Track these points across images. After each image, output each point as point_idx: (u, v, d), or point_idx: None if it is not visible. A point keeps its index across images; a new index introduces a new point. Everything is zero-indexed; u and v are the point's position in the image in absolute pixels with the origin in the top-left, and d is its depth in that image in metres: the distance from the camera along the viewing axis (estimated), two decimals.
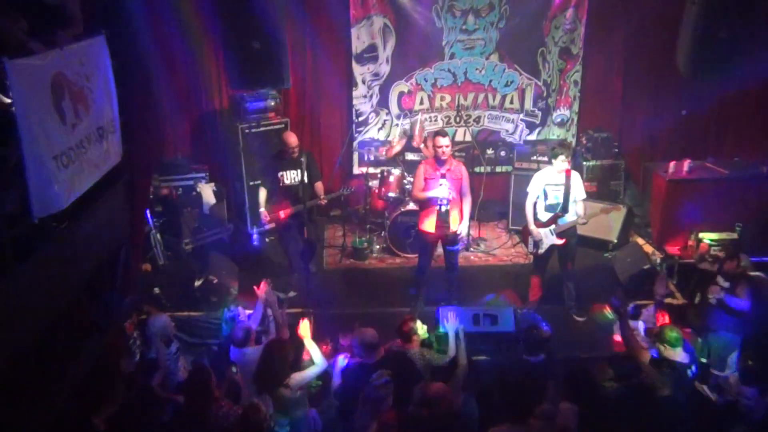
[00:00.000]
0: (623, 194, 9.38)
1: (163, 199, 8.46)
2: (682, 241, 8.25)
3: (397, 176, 8.54)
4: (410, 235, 8.35)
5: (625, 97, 9.62)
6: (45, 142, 4.51)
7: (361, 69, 9.34)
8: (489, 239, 9.13)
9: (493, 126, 9.74)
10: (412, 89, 9.50)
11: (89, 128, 5.28)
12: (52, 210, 4.61)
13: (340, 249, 8.75)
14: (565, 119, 9.77)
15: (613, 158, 9.27)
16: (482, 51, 9.35)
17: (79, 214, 5.19)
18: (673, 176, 8.46)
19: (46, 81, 4.62)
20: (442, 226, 6.95)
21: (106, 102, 5.61)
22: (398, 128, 9.47)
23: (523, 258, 8.26)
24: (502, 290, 7.59)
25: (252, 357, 5.16)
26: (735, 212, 8.06)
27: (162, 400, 4.97)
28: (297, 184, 7.34)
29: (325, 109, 9.49)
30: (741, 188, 8.38)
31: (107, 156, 5.65)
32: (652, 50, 9.05)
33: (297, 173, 7.34)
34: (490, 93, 9.57)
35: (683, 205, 8.31)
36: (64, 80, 4.88)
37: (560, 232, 6.96)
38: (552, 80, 9.56)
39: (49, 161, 4.52)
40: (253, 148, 8.61)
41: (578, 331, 7.10)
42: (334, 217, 9.50)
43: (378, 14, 9.08)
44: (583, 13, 9.26)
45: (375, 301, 7.57)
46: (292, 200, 7.36)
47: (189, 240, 8.52)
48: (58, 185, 4.64)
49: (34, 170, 4.34)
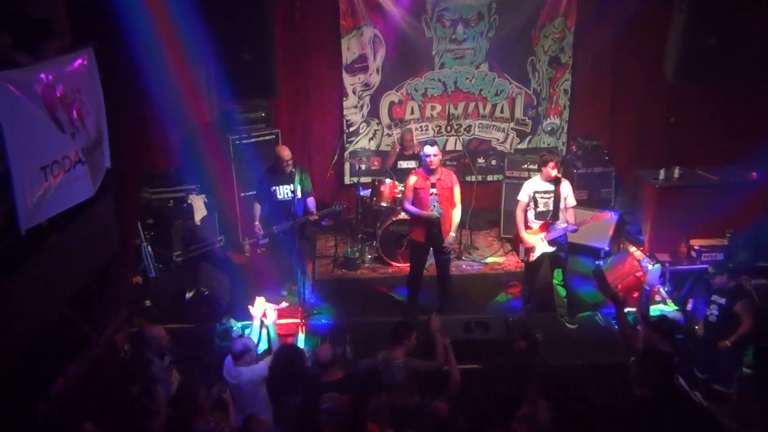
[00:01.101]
0: (614, 202, 9.39)
1: (153, 210, 8.44)
2: (673, 248, 8.26)
3: (389, 186, 8.54)
4: (402, 245, 8.35)
5: (615, 104, 9.67)
6: (34, 154, 4.50)
7: (352, 79, 9.36)
8: (481, 247, 9.13)
9: (483, 135, 9.76)
10: (402, 99, 9.52)
11: (84, 139, 5.28)
12: (38, 221, 4.59)
13: (332, 259, 8.74)
14: (556, 128, 9.81)
15: (604, 166, 9.28)
16: (472, 60, 9.39)
17: (67, 226, 5.17)
18: (664, 183, 8.49)
19: (36, 93, 4.61)
20: (433, 236, 6.96)
21: (95, 114, 5.61)
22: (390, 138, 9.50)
23: (515, 266, 8.26)
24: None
25: (248, 377, 5.12)
26: (725, 219, 8.07)
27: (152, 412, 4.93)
28: (290, 199, 7.33)
29: (315, 119, 9.50)
30: (731, 195, 8.40)
31: (98, 168, 5.65)
32: (640, 58, 9.11)
33: (290, 188, 7.34)
34: (480, 102, 9.60)
35: (674, 212, 8.34)
36: (54, 92, 4.88)
37: (551, 239, 6.97)
38: (542, 89, 9.60)
39: (37, 172, 4.50)
40: (244, 159, 8.61)
41: (570, 339, 7.09)
42: (325, 227, 9.48)
43: (368, 25, 9.11)
44: (572, 22, 9.31)
45: (367, 310, 7.56)
46: (285, 215, 7.34)
47: (180, 252, 8.48)
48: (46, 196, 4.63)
49: (20, 182, 4.33)
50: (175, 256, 8.42)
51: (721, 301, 6.27)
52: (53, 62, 4.97)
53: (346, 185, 9.65)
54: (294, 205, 7.26)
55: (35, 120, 4.56)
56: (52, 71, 4.86)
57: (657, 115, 9.37)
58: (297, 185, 7.28)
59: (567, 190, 6.99)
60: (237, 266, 8.50)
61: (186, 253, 8.53)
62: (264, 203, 7.43)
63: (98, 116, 5.66)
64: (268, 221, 7.41)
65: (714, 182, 8.51)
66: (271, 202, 7.39)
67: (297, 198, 7.30)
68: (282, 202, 7.36)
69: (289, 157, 7.31)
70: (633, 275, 7.46)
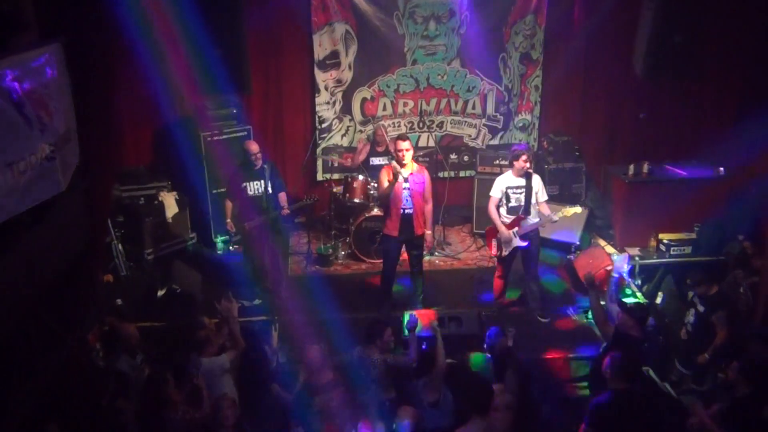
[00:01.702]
0: (585, 196, 9.47)
1: (124, 208, 8.34)
2: (643, 242, 8.36)
3: (361, 182, 8.55)
4: (375, 241, 8.35)
5: (585, 101, 9.75)
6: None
7: (324, 75, 9.33)
8: (453, 243, 9.17)
9: (455, 131, 9.79)
10: (374, 95, 9.51)
11: (54, 134, 5.21)
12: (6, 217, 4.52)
13: (305, 256, 8.72)
14: (527, 123, 9.87)
15: (574, 161, 9.36)
16: (444, 57, 9.41)
17: (35, 224, 5.09)
18: (633, 178, 8.60)
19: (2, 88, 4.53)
20: (405, 230, 6.98)
21: (64, 109, 5.54)
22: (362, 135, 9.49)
23: (488, 261, 8.30)
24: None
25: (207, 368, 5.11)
26: (694, 212, 8.19)
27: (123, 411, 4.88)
28: (261, 195, 7.31)
29: (288, 115, 9.45)
30: (699, 189, 8.54)
31: (68, 163, 5.57)
32: (610, 54, 9.19)
33: (260, 184, 7.32)
34: (452, 98, 9.63)
35: (643, 207, 8.45)
36: (22, 87, 4.80)
37: (523, 234, 7.01)
38: (513, 85, 9.65)
39: (3, 168, 4.43)
40: (215, 155, 8.53)
41: (542, 332, 7.16)
42: (298, 224, 9.45)
43: (340, 21, 9.08)
44: (543, 19, 9.37)
45: (341, 307, 7.54)
46: (257, 211, 7.32)
47: (151, 250, 8.40)
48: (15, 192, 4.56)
49: None
50: (146, 253, 8.34)
51: (700, 309, 6.36)
52: (20, 57, 4.89)
53: (319, 181, 9.62)
54: (265, 201, 7.24)
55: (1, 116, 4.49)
56: (19, 66, 4.79)
57: (626, 111, 9.47)
58: (268, 180, 7.25)
59: (538, 184, 7.05)
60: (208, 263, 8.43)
61: (157, 250, 8.45)
62: (235, 200, 7.39)
63: (67, 112, 5.59)
64: (240, 218, 7.37)
65: (682, 177, 8.63)
66: (242, 198, 7.35)
67: (269, 193, 7.27)
68: (253, 198, 7.33)
69: (257, 150, 7.30)
70: (603, 269, 7.55)
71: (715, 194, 8.53)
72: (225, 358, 5.18)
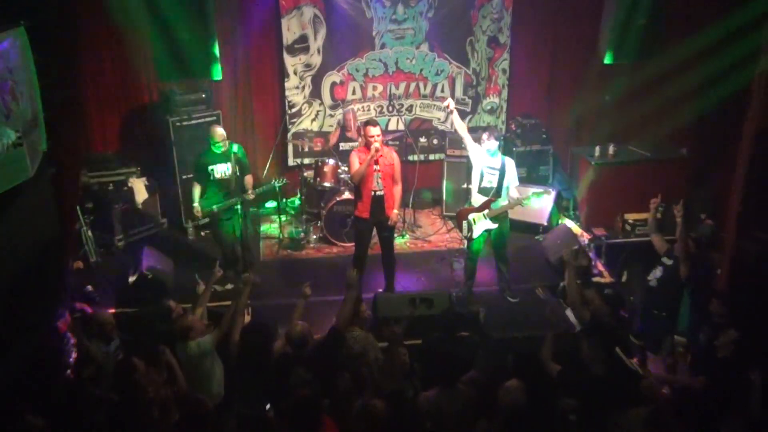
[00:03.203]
0: (552, 178, 9.56)
1: (93, 194, 8.23)
2: (608, 222, 8.48)
3: (332, 166, 8.52)
4: (346, 224, 8.35)
5: (552, 84, 9.79)
6: None
7: (293, 60, 9.25)
8: (424, 225, 9.21)
9: (425, 115, 9.79)
10: (344, 79, 9.46)
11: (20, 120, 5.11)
12: None
13: (277, 240, 8.69)
14: (495, 107, 9.91)
15: (542, 144, 9.41)
16: (412, 41, 9.38)
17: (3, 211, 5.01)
18: (599, 160, 8.70)
19: None
20: (376, 212, 7.00)
21: (29, 94, 5.43)
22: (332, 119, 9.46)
23: (458, 243, 8.36)
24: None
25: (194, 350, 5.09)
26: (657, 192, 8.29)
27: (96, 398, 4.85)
28: (228, 178, 7.27)
29: (257, 100, 9.37)
30: (663, 170, 8.68)
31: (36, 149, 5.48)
32: (576, 38, 9.25)
33: (228, 167, 7.27)
34: (421, 82, 9.62)
35: (609, 188, 8.56)
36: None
37: (493, 216, 7.06)
38: (481, 69, 9.67)
39: None
40: (184, 141, 8.45)
41: (511, 312, 7.25)
42: (270, 209, 9.40)
43: (308, 4, 9.00)
44: (510, 3, 9.37)
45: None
46: (225, 194, 7.29)
47: (122, 236, 8.32)
48: None
49: None
50: (116, 240, 8.26)
51: (668, 263, 6.30)
52: None
53: (290, 167, 9.57)
54: (234, 183, 7.22)
55: None
56: None
57: (592, 93, 9.54)
58: (234, 163, 7.22)
59: (511, 169, 7.10)
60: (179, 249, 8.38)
61: (128, 236, 8.37)
62: (202, 183, 7.34)
63: (32, 97, 5.48)
64: (208, 201, 7.32)
65: (646, 158, 8.76)
66: (209, 181, 7.31)
67: (237, 176, 7.25)
68: (220, 180, 7.29)
69: (223, 137, 7.23)
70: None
71: (679, 175, 8.68)
72: (209, 339, 5.17)
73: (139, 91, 8.86)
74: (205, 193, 7.34)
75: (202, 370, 5.11)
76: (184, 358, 5.10)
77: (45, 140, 5.74)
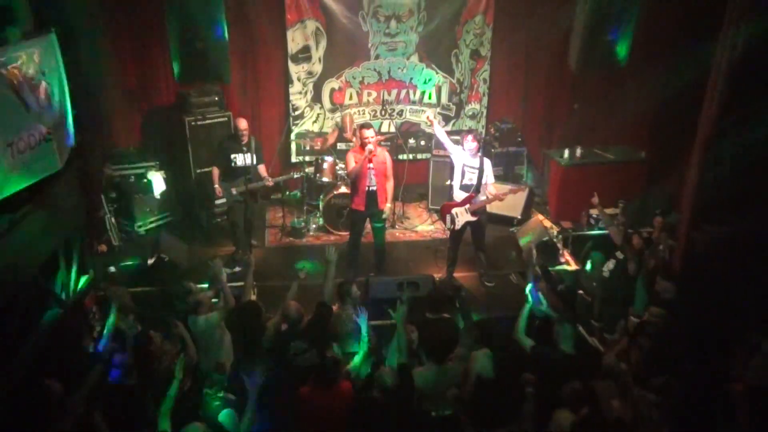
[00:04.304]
0: (526, 177, 9.56)
1: (116, 185, 8.18)
2: (575, 216, 8.49)
3: (331, 163, 8.50)
4: (343, 215, 8.32)
5: (527, 92, 9.78)
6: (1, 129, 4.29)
7: (297, 68, 9.20)
8: (411, 217, 9.19)
9: (414, 119, 9.76)
10: (342, 86, 9.42)
11: (52, 117, 5.07)
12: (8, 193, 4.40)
13: (280, 228, 8.65)
14: (476, 112, 9.89)
15: (517, 146, 9.41)
16: (404, 52, 9.35)
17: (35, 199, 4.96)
18: (567, 161, 8.70)
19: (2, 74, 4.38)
20: (370, 205, 6.98)
21: (60, 95, 5.38)
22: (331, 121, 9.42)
23: (442, 233, 8.34)
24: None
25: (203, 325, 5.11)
26: (619, 191, 8.32)
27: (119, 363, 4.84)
28: (247, 166, 7.30)
29: (264, 103, 9.32)
30: (624, 171, 8.70)
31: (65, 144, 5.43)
32: (548, 51, 9.23)
33: (248, 156, 7.29)
34: (411, 89, 9.59)
35: (575, 186, 8.56)
36: (20, 74, 4.64)
37: (473, 210, 7.06)
38: (464, 78, 9.65)
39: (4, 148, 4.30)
40: (199, 139, 8.40)
41: (488, 294, 7.26)
42: (274, 200, 9.36)
43: (311, 18, 8.95)
44: (491, 20, 9.35)
45: (312, 274, 7.51)
46: (242, 179, 7.31)
47: (141, 223, 8.27)
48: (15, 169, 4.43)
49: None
50: (136, 226, 8.21)
51: (620, 256, 6.45)
52: (18, 46, 4.72)
53: (293, 163, 9.52)
54: (251, 171, 7.27)
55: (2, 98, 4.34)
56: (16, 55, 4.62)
57: (562, 101, 9.54)
58: (253, 153, 7.24)
59: (488, 168, 7.09)
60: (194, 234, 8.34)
61: (147, 223, 8.32)
62: (222, 167, 7.33)
63: (62, 96, 5.43)
64: (227, 184, 7.30)
65: (609, 160, 8.77)
66: (229, 167, 7.30)
67: (253, 164, 7.28)
68: (239, 168, 7.30)
69: (246, 127, 7.28)
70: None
71: (638, 175, 8.69)
72: (216, 316, 5.17)
73: (158, 93, 8.79)
74: (224, 176, 7.32)
75: (212, 341, 5.12)
76: (195, 331, 5.11)
77: (73, 136, 5.68)
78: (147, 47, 8.44)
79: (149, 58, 8.54)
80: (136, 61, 8.53)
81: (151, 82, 8.70)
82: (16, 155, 4.53)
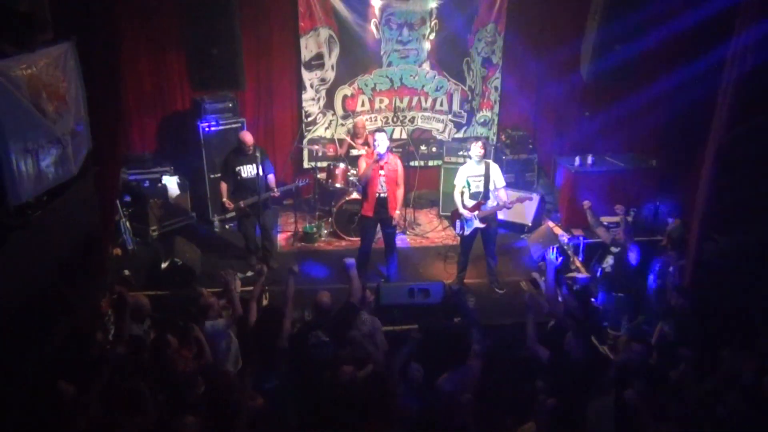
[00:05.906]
0: (536, 184, 9.55)
1: (131, 190, 8.24)
2: (586, 224, 8.43)
3: (342, 169, 8.51)
4: (354, 221, 8.34)
5: (538, 100, 9.78)
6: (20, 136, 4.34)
7: (310, 75, 9.24)
8: (422, 224, 9.19)
9: (425, 125, 9.77)
10: (354, 93, 9.45)
11: (68, 124, 5.12)
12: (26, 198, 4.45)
13: (292, 233, 8.69)
14: (487, 120, 9.89)
15: (528, 153, 9.41)
16: (415, 60, 9.37)
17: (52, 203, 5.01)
18: (578, 169, 8.67)
19: (21, 81, 4.43)
20: (381, 211, 7.00)
21: (77, 100, 5.43)
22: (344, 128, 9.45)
23: (452, 240, 8.34)
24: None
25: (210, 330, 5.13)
26: (630, 199, 8.28)
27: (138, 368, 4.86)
28: (253, 177, 7.31)
29: (277, 110, 9.36)
30: (635, 179, 8.66)
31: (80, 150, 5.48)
32: (560, 60, 9.20)
33: (253, 167, 7.31)
34: (422, 96, 9.60)
35: (587, 193, 8.49)
36: (39, 81, 4.70)
37: (483, 216, 7.05)
38: (476, 86, 9.65)
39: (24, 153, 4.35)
40: (212, 144, 8.45)
41: (498, 302, 7.24)
42: (287, 206, 9.40)
43: (324, 26, 8.99)
44: (502, 28, 9.36)
45: (323, 278, 7.55)
46: (250, 191, 7.32)
47: (156, 227, 8.32)
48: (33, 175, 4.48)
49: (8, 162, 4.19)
50: (151, 230, 8.26)
51: (614, 250, 6.53)
52: (38, 53, 4.77)
53: (305, 169, 9.56)
54: (257, 183, 7.26)
55: (20, 105, 4.39)
56: (36, 62, 4.68)
57: (573, 109, 9.52)
58: (259, 165, 7.26)
59: (496, 172, 7.08)
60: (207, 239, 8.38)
61: (161, 227, 8.37)
62: (229, 181, 7.36)
63: (79, 103, 5.48)
64: (235, 197, 7.35)
65: (621, 168, 8.73)
66: (236, 180, 7.34)
67: (260, 176, 7.28)
68: (246, 179, 7.32)
69: (251, 142, 7.33)
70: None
71: (649, 183, 8.65)
72: (222, 322, 5.20)
73: (173, 99, 8.86)
74: (231, 189, 7.35)
75: (219, 348, 5.12)
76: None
77: (90, 141, 5.73)
78: (163, 54, 8.51)
79: (165, 65, 8.61)
80: (152, 67, 8.61)
81: (167, 88, 8.77)
82: (33, 161, 4.58)
